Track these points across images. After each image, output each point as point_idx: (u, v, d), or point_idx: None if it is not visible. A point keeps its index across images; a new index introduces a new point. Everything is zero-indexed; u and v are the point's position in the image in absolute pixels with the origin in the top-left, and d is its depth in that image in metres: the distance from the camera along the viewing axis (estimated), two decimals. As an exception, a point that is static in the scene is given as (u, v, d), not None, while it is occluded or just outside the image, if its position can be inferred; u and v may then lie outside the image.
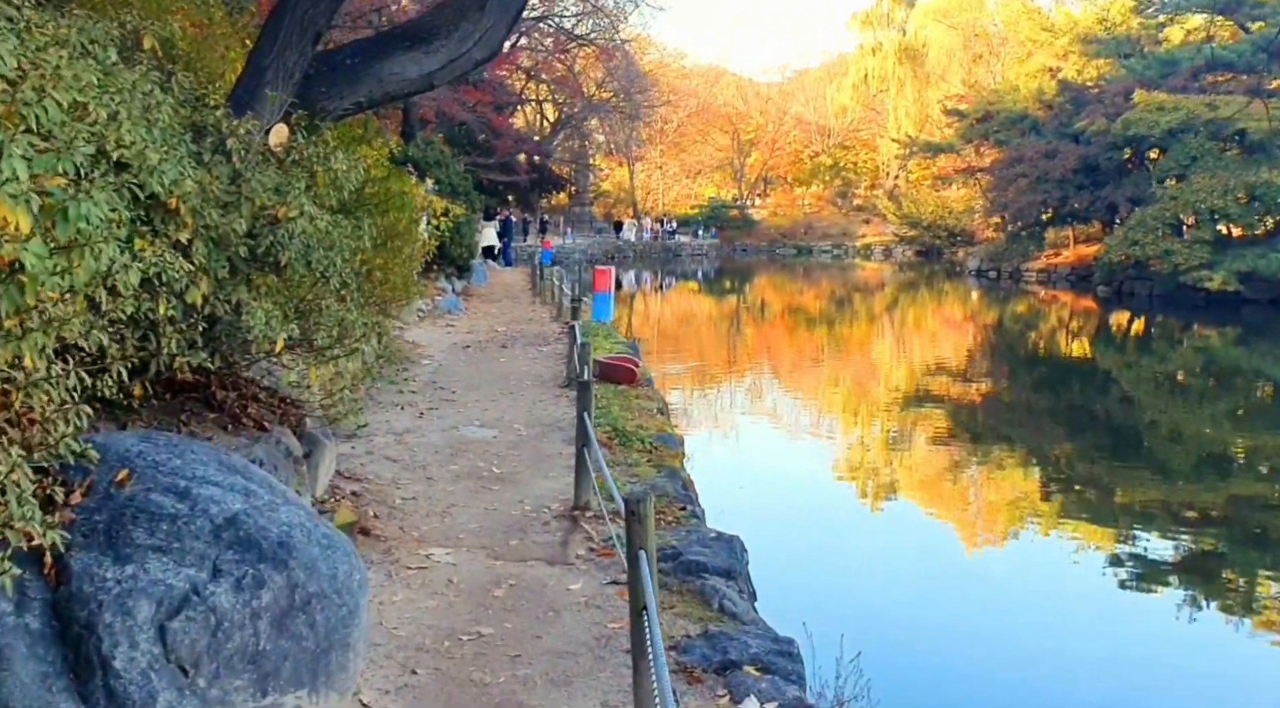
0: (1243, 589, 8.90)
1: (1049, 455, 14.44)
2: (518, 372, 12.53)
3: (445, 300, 20.17)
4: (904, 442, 15.00)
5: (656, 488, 7.23)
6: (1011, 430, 16.25)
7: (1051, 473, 13.32)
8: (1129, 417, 17.98)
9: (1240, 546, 10.04)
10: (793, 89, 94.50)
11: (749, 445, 13.83)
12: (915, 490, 12.26)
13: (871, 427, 16.11)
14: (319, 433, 6.62)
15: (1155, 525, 10.53)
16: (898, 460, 13.83)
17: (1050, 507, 11.35)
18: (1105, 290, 41.16)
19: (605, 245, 60.21)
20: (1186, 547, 9.92)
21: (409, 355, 13.40)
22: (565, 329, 16.96)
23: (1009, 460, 13.95)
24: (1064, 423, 17.02)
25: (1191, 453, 14.82)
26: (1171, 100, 39.03)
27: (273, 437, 5.76)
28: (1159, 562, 9.48)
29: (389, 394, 10.53)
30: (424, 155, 24.04)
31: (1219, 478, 13.18)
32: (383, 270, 9.87)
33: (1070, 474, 13.26)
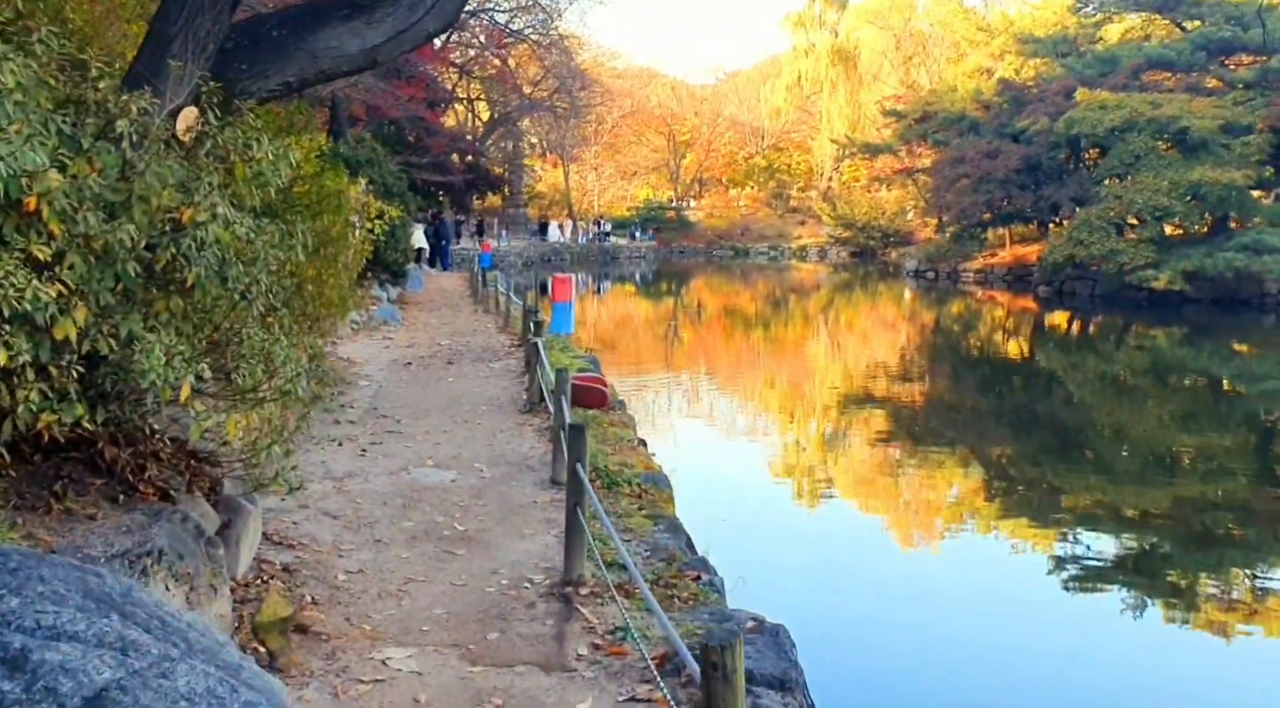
0: (1187, 589, 8.94)
1: (1002, 457, 14.38)
2: (470, 394, 11.16)
3: (381, 310, 18.69)
4: (884, 455, 13.98)
5: (659, 549, 5.97)
6: (966, 433, 16.07)
7: (1002, 475, 13.26)
8: (1078, 418, 17.84)
9: (1185, 545, 10.11)
10: (727, 90, 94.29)
11: (717, 462, 12.66)
12: (901, 506, 11.23)
13: (840, 437, 15.06)
14: (240, 497, 5.25)
15: (1100, 526, 10.61)
16: (886, 476, 12.81)
17: (1005, 509, 11.39)
18: (1046, 290, 40.92)
19: (542, 248, 58.84)
20: (1131, 547, 9.99)
21: (344, 375, 11.96)
22: (517, 342, 15.63)
23: (974, 464, 13.78)
24: (1014, 425, 17.02)
25: (1138, 454, 14.84)
26: (1114, 98, 38.78)
27: (178, 511, 4.39)
28: (1103, 562, 9.53)
29: (324, 425, 9.11)
30: (355, 154, 22.46)
31: (1166, 479, 13.26)
32: (316, 283, 8.48)
33: (1022, 476, 13.23)
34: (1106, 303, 37.22)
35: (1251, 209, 37.33)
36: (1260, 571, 9.54)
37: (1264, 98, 37.78)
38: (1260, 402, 19.92)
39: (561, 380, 7.13)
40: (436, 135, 39.50)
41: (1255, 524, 10.91)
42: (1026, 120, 41.65)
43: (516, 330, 17.51)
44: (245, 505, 5.12)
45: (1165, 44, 42.98)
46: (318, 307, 8.24)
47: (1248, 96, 38.53)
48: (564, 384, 7.14)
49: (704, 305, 40.62)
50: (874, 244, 67.68)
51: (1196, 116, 36.84)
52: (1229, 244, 35.16)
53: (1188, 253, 35.65)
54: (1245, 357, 27.00)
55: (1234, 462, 14.25)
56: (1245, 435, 16.48)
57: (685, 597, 5.19)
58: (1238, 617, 8.23)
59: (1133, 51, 42.97)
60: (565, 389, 7.12)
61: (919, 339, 30.38)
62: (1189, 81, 41.01)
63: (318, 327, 8.60)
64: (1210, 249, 35.38)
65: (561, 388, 7.09)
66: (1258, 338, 30.42)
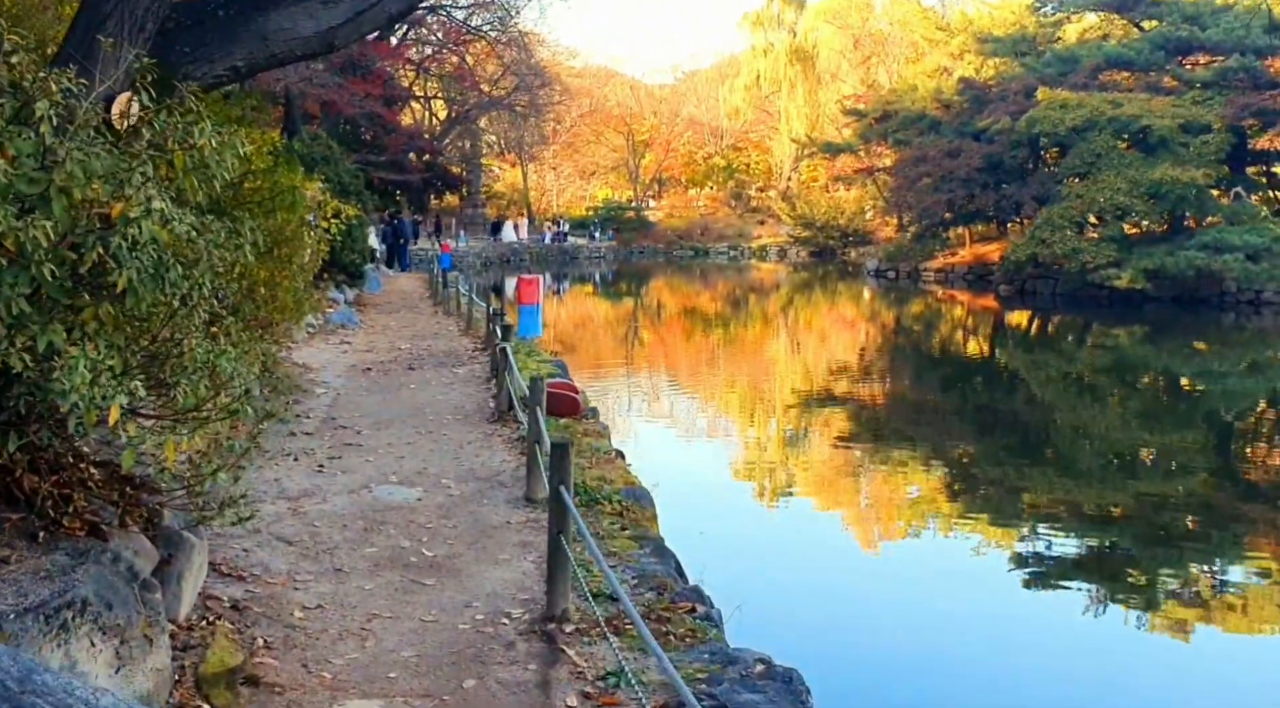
0: (1153, 587, 8.96)
1: (967, 456, 14.29)
2: (433, 402, 10.59)
3: (338, 313, 18.03)
4: (857, 458, 13.58)
5: (647, 575, 5.46)
6: (934, 433, 15.90)
7: (969, 474, 13.21)
8: (1042, 417, 17.85)
9: (1152, 544, 10.15)
10: (685, 90, 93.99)
11: (695, 472, 12.17)
12: (887, 512, 10.83)
13: (813, 441, 14.65)
14: (184, 528, 4.68)
15: (1062, 525, 10.63)
16: (863, 480, 12.42)
17: (975, 508, 11.33)
18: (1008, 289, 40.94)
19: (500, 248, 58.13)
20: (1092, 545, 10.00)
21: (300, 383, 11.34)
22: (480, 346, 15.07)
23: (948, 465, 13.67)
24: (981, 424, 16.96)
25: (1100, 453, 14.78)
26: (1075, 98, 38.83)
27: (108, 550, 3.82)
28: (1064, 560, 9.58)
29: (278, 438, 8.52)
30: (310, 151, 21.76)
31: (1135, 478, 13.29)
32: (269, 286, 7.90)
33: (991, 475, 13.15)
34: (1068, 302, 37.28)
35: (1210, 208, 37.51)
36: (1220, 567, 9.58)
37: (1222, 97, 37.98)
38: (1221, 400, 19.98)
39: (537, 390, 6.60)
40: (394, 133, 38.77)
41: (1215, 522, 11.00)
42: (988, 119, 41.63)
43: (480, 334, 16.94)
44: (189, 538, 4.55)
45: (1124, 43, 43.13)
46: (270, 311, 7.66)
47: (1205, 96, 38.72)
48: (539, 394, 6.61)
49: (666, 306, 40.26)
50: (833, 244, 67.72)
51: (1157, 115, 36.97)
52: (1190, 243, 35.27)
53: (1149, 252, 35.72)
54: (1206, 355, 27.12)
55: (1195, 460, 14.25)
56: (1206, 434, 16.50)
57: (681, 633, 4.68)
58: (1198, 613, 8.28)
59: (1092, 51, 43.08)
60: (541, 400, 6.60)
61: (883, 340, 30.30)
62: (1148, 81, 41.18)
63: (271, 333, 8.02)
64: (1171, 248, 35.46)
65: (537, 398, 6.56)
66: (1218, 336, 30.63)
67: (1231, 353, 27.40)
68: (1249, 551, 10.07)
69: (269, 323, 7.65)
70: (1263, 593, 8.77)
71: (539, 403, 6.53)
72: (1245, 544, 10.27)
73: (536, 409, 6.48)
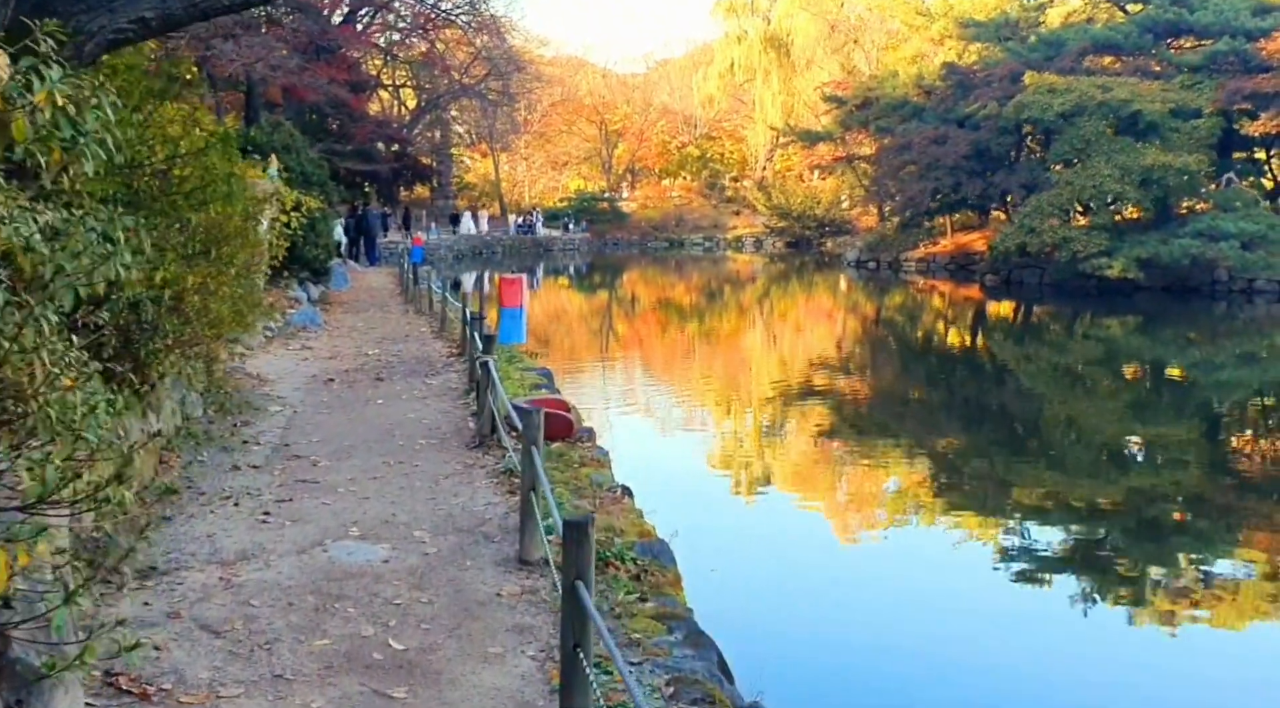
0: (1136, 580, 8.84)
1: (963, 451, 13.94)
2: (404, 421, 9.24)
3: (299, 314, 16.60)
4: (914, 492, 12.27)
5: (684, 678, 4.16)
6: (937, 432, 15.34)
7: (968, 469, 12.90)
8: (1039, 410, 17.48)
9: (1146, 537, 10.00)
10: (658, 78, 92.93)
11: (711, 506, 10.76)
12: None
13: (841, 459, 13.35)
14: (38, 659, 3.31)
15: (1055, 519, 10.45)
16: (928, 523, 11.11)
17: (975, 504, 11.10)
18: (993, 280, 40.03)
19: (473, 241, 56.62)
20: (1083, 540, 9.81)
21: (251, 399, 9.95)
22: (456, 349, 13.71)
23: (946, 462, 13.29)
24: (976, 418, 16.63)
25: (1092, 446, 14.51)
26: (1063, 82, 37.76)
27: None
28: (1055, 554, 9.42)
29: (218, 473, 7.16)
30: (269, 138, 20.26)
31: (1132, 471, 13.00)
32: (202, 294, 6.53)
33: (990, 470, 12.83)
34: (1055, 292, 36.47)
35: (1202, 195, 36.63)
36: (1210, 561, 9.38)
37: (1212, 81, 37.08)
38: (1216, 391, 19.46)
39: (531, 426, 5.25)
40: (361, 122, 37.20)
41: (1207, 515, 10.82)
42: (975, 105, 40.53)
43: (455, 335, 15.59)
44: (51, 674, 3.19)
45: (1111, 26, 42.16)
46: (203, 327, 6.29)
47: (1195, 80, 37.83)
48: (534, 430, 5.26)
49: (644, 300, 39.10)
50: (810, 234, 66.92)
51: (1147, 100, 36.01)
52: (1183, 231, 34.36)
53: (1141, 240, 34.78)
54: (1200, 344, 26.39)
55: (1188, 452, 13.95)
56: (1200, 425, 16.06)
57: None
58: (1187, 607, 8.12)
59: (1078, 34, 42.05)
60: (537, 437, 5.25)
61: (871, 333, 29.38)
62: (1135, 65, 40.23)
63: (199, 353, 6.66)
64: (1164, 236, 34.54)
65: (532, 435, 5.22)
66: (1210, 326, 29.94)
67: (1227, 343, 26.75)
68: (1241, 544, 9.89)
69: (194, 342, 6.28)
70: (1254, 587, 8.57)
71: (535, 441, 5.21)
72: (1238, 537, 10.12)
73: (532, 450, 5.16)
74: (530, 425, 5.24)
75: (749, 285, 46.25)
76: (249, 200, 8.12)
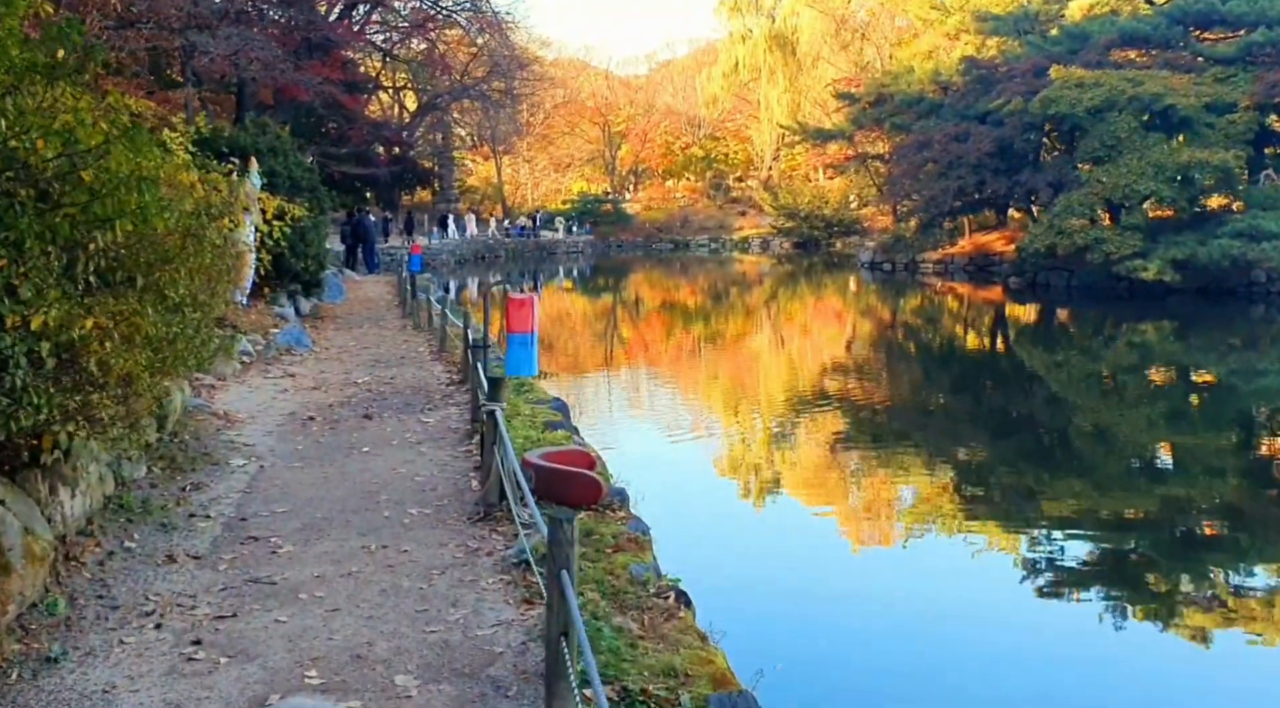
0: (1169, 594, 8.48)
1: (1001, 462, 13.30)
2: (393, 479, 7.57)
3: (284, 333, 14.93)
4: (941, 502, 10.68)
5: None
6: (973, 441, 14.73)
7: (1007, 481, 12.30)
8: (1071, 420, 16.51)
9: (1176, 552, 9.57)
10: (661, 79, 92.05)
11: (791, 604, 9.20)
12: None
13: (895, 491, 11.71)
14: None
15: (1084, 530, 9.95)
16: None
17: (1012, 515, 10.59)
18: (1017, 282, 38.45)
19: (476, 245, 55.03)
20: (1113, 552, 9.43)
21: (211, 447, 8.29)
22: (456, 375, 12.07)
23: (979, 472, 12.82)
24: (1019, 427, 15.90)
25: (1130, 456, 13.76)
26: (1091, 76, 36.03)
27: None
28: (1083, 566, 9.00)
29: (145, 568, 5.50)
30: (255, 141, 18.57)
31: (1161, 482, 12.34)
32: (109, 339, 4.86)
33: (1029, 482, 12.13)
34: (1084, 294, 34.95)
35: (1239, 192, 34.92)
36: (1248, 575, 8.94)
37: (1246, 74, 35.34)
38: (1260, 399, 18.15)
39: (562, 541, 3.60)
40: (357, 124, 35.53)
41: (1247, 527, 10.28)
42: (999, 100, 38.75)
43: (455, 356, 13.94)
44: None
45: (1138, 17, 40.42)
46: (103, 401, 4.62)
47: (1228, 73, 36.11)
48: (565, 552, 3.61)
49: (653, 305, 37.48)
50: (818, 234, 65.79)
51: (1180, 94, 34.29)
52: (1223, 230, 32.65)
53: (1177, 241, 33.06)
54: (1241, 350, 24.93)
55: (1228, 462, 13.24)
56: (1243, 434, 15.21)
57: None
58: (1221, 621, 7.74)
59: (1104, 26, 40.29)
60: (570, 561, 3.60)
61: (898, 339, 27.96)
62: (1165, 58, 38.49)
63: (116, 415, 4.99)
64: (1201, 236, 32.84)
65: (563, 559, 3.57)
66: (1250, 330, 28.32)
67: (1270, 348, 25.18)
68: (1279, 557, 9.39)
69: (95, 415, 4.61)
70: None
71: (567, 565, 3.55)
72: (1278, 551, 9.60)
73: (564, 579, 3.50)
74: (560, 541, 3.57)
75: (759, 287, 44.83)
76: (193, 211, 6.47)
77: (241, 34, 18.57)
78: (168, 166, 6.12)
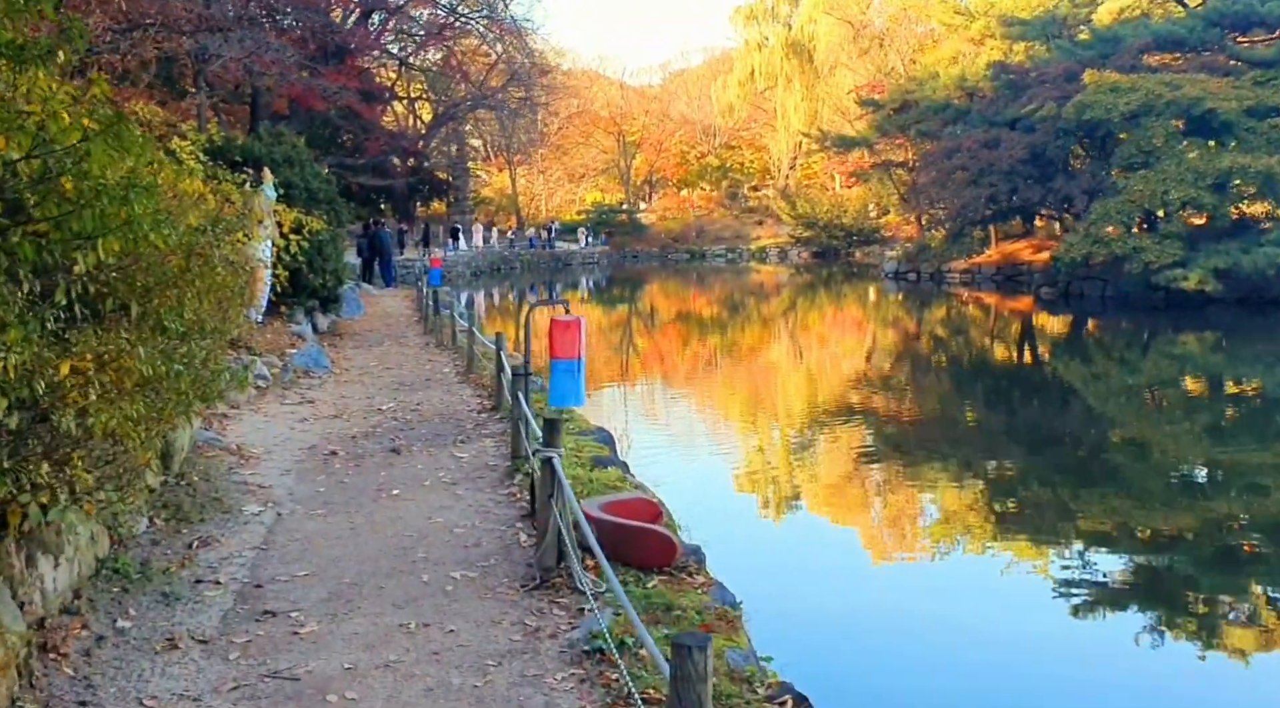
0: (1210, 614, 8.16)
1: (1049, 481, 12.57)
2: (429, 531, 6.60)
3: (301, 354, 14.01)
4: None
5: None
6: (1014, 456, 14.11)
7: (1066, 498, 11.70)
8: (1119, 435, 15.86)
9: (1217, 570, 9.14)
10: (676, 88, 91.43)
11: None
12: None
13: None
14: None
15: (1122, 548, 9.72)
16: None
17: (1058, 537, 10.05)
18: (1049, 292, 37.46)
19: (492, 257, 54.20)
20: (1152, 570, 9.15)
21: (223, 490, 7.36)
22: (488, 401, 11.13)
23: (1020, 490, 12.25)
24: (1063, 446, 15.02)
25: (1178, 473, 13.29)
26: (1127, 80, 34.96)
27: None
28: (1120, 585, 8.67)
29: (139, 656, 4.55)
30: (269, 151, 17.70)
31: (1206, 498, 11.74)
32: (114, 378, 3.92)
33: (1082, 502, 11.50)
34: (1120, 305, 33.93)
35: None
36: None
37: (1289, 76, 34.31)
38: None
39: (692, 682, 2.63)
40: (374, 134, 34.70)
41: None
42: (1030, 106, 37.71)
43: (484, 378, 13.01)
44: None
45: (1171, 20, 39.35)
46: (83, 464, 3.68)
47: (1268, 75, 35.04)
48: (695, 693, 2.64)
49: (675, 317, 36.54)
50: (837, 243, 65.02)
51: (1220, 98, 33.20)
52: (1267, 238, 31.55)
53: (1218, 249, 31.96)
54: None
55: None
56: None
57: None
58: (1264, 644, 7.46)
59: (1137, 29, 39.24)
60: (703, 700, 2.64)
61: (936, 352, 26.93)
62: (1201, 61, 37.42)
63: (107, 475, 4.05)
64: (1244, 244, 31.75)
65: (692, 702, 2.61)
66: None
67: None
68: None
69: (69, 481, 3.67)
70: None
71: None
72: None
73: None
74: (689, 678, 2.60)
75: (787, 300, 43.86)
76: (200, 225, 5.55)
77: (255, 37, 17.69)
78: (167, 172, 5.17)
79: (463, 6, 36.98)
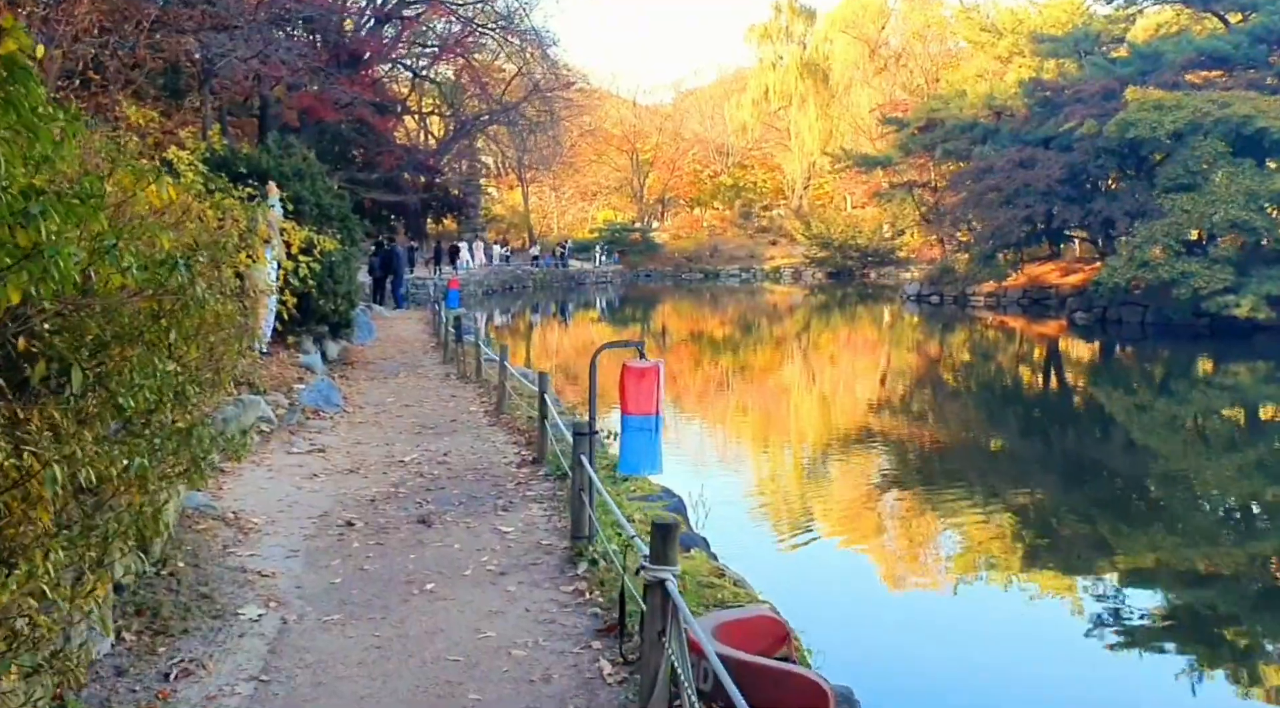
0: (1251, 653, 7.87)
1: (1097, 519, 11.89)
2: (477, 655, 5.04)
3: (310, 390, 12.48)
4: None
5: None
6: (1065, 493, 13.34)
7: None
8: (1172, 473, 14.90)
9: None
10: (689, 107, 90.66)
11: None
12: None
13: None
14: None
15: (1162, 585, 9.39)
16: None
17: None
18: (1084, 318, 35.97)
19: (503, 275, 52.78)
20: (1193, 609, 8.72)
21: (214, 583, 5.81)
22: (527, 450, 9.60)
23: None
24: (1112, 483, 14.16)
25: (1221, 509, 12.63)
26: (1171, 98, 33.49)
27: None
28: (1160, 623, 8.35)
29: None
30: (277, 162, 16.21)
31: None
32: (30, 493, 2.34)
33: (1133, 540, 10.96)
34: (1161, 331, 32.46)
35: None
36: None
37: (1340, 95, 32.84)
38: None
39: None
40: (387, 148, 33.30)
41: None
42: (1069, 124, 36.25)
43: (516, 419, 11.49)
44: None
45: (1215, 36, 37.90)
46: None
47: (1319, 94, 33.59)
48: None
49: (697, 340, 34.94)
50: (852, 264, 63.88)
51: (1271, 116, 31.71)
52: (1323, 264, 30.07)
53: (1271, 274, 30.42)
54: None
55: None
56: None
57: None
58: None
59: (1179, 46, 37.79)
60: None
61: (967, 380, 25.58)
62: (1247, 79, 35.98)
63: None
64: (1305, 269, 30.24)
65: None
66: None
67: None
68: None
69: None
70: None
71: None
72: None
73: None
74: None
75: (804, 321, 42.53)
76: (184, 251, 4.05)
77: (264, 34, 16.26)
78: (123, 174, 3.61)
79: (479, 18, 35.62)
